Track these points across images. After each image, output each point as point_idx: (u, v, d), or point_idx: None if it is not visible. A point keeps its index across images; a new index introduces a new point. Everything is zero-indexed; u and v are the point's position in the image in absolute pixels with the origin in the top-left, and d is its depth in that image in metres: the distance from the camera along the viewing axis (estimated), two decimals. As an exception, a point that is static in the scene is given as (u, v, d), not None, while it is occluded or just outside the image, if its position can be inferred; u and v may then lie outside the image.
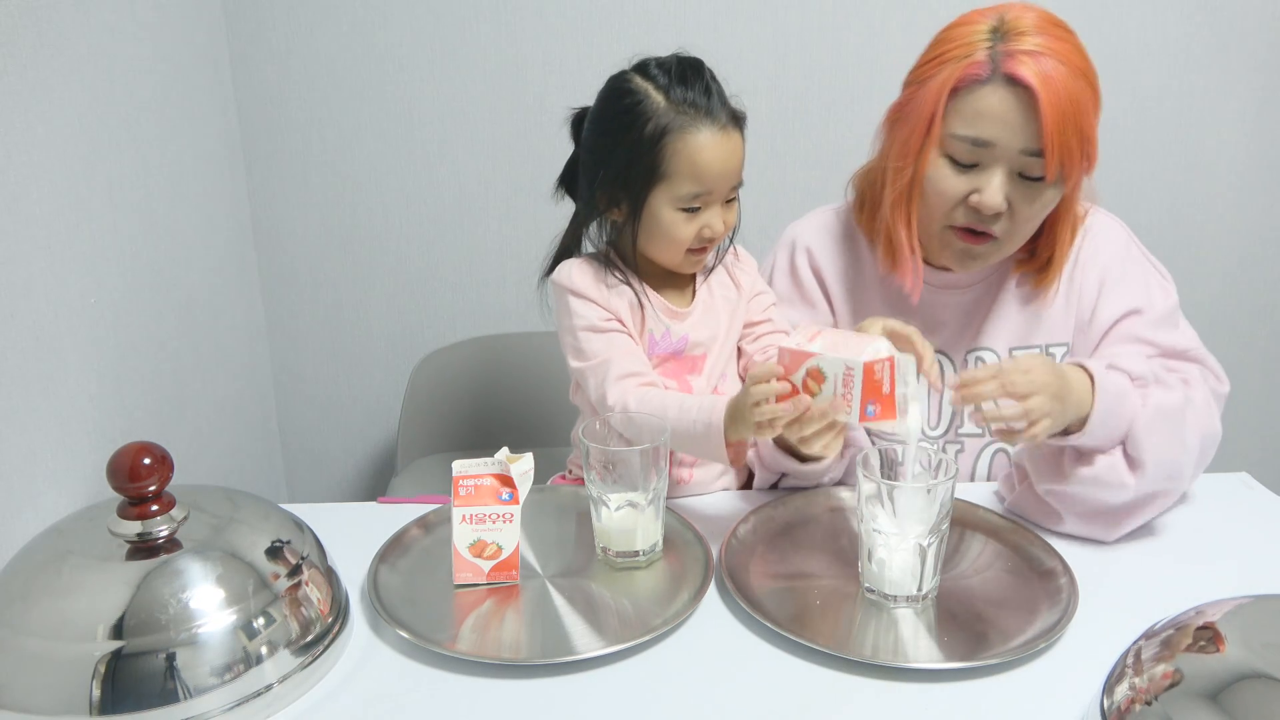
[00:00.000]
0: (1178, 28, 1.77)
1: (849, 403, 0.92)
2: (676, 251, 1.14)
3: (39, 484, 0.99)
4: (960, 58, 1.01)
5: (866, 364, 0.90)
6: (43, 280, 1.02)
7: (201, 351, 1.49)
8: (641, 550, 1.00)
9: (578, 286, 1.15)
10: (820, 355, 0.92)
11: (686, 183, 1.10)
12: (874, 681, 0.84)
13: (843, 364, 0.91)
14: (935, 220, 1.09)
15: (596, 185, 1.15)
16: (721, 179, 1.11)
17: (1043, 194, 1.04)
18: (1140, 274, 1.16)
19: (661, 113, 1.10)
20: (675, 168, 1.10)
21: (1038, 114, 0.98)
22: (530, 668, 0.86)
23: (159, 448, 0.84)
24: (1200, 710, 0.63)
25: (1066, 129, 0.98)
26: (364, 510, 1.15)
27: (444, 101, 1.75)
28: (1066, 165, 1.00)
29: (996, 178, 1.02)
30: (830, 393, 0.93)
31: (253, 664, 0.80)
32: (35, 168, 1.02)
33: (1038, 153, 1.00)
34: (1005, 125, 1.00)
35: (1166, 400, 1.01)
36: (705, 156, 1.09)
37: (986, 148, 1.02)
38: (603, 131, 1.15)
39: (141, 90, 1.31)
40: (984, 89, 1.00)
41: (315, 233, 1.81)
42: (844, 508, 1.11)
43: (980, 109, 1.01)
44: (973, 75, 1.01)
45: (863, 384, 0.90)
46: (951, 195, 1.05)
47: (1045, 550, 1.00)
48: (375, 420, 1.94)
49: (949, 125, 1.03)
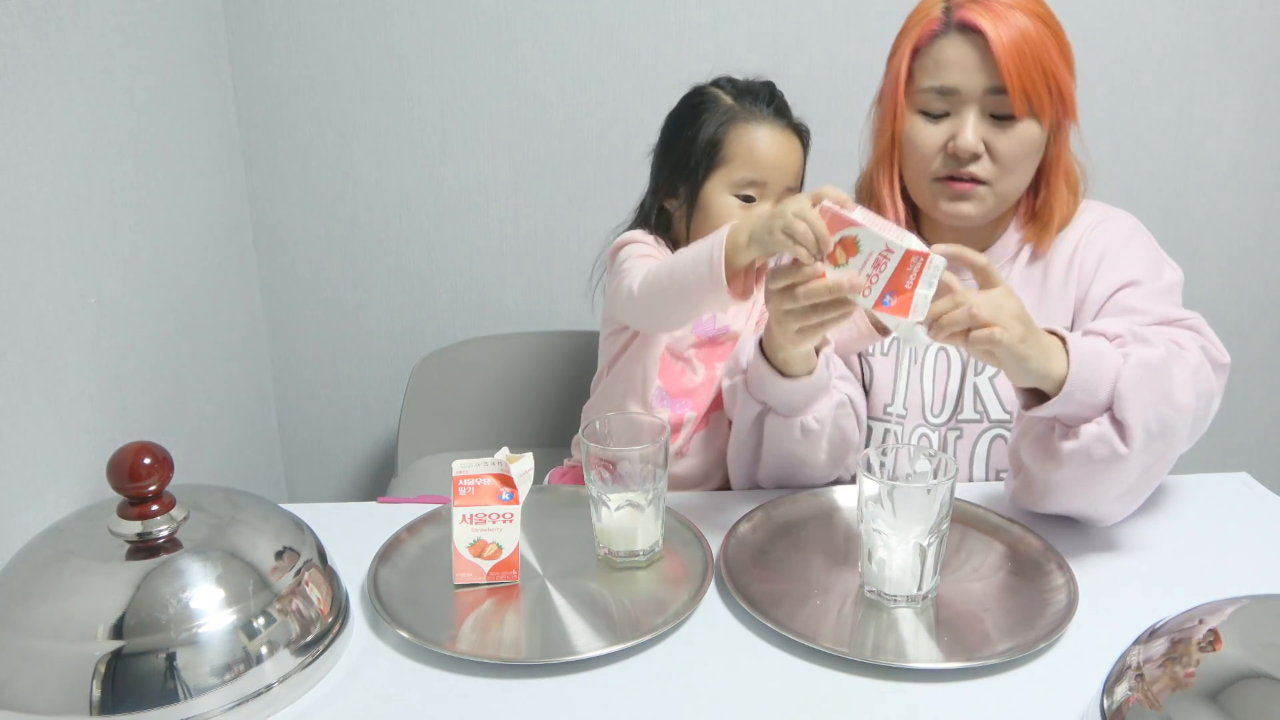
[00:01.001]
0: (1178, 28, 1.77)
1: (872, 284, 0.89)
2: None
3: (39, 484, 0.99)
4: (919, 22, 1.09)
5: (909, 250, 0.87)
6: (43, 280, 1.02)
7: (201, 351, 1.49)
8: (642, 550, 1.00)
9: (640, 238, 1.24)
10: (863, 226, 0.88)
11: (743, 168, 1.19)
12: (874, 681, 0.84)
13: (884, 243, 0.88)
14: (922, 177, 1.12)
15: (660, 174, 1.25)
16: (777, 171, 1.19)
17: (1018, 132, 1.07)
18: (1144, 252, 1.15)
19: (727, 108, 1.22)
20: (734, 153, 1.19)
21: (993, 53, 1.03)
22: (530, 668, 0.86)
23: (159, 448, 0.84)
24: (1200, 710, 0.63)
25: (1024, 63, 1.03)
26: (364, 510, 1.15)
27: (444, 101, 1.75)
28: (1034, 100, 1.05)
29: (968, 120, 1.07)
30: (857, 268, 0.89)
31: (253, 664, 0.80)
32: (35, 168, 1.02)
33: (1001, 89, 1.04)
34: (964, 69, 1.06)
35: (1149, 355, 0.96)
36: (763, 146, 1.19)
37: (953, 94, 1.07)
38: (672, 126, 1.27)
39: (141, 90, 1.31)
40: (941, 41, 1.07)
41: (315, 233, 1.81)
42: (844, 508, 1.11)
43: (940, 59, 1.07)
44: (930, 32, 1.08)
45: (895, 270, 0.87)
46: (930, 146, 1.09)
47: (1045, 550, 1.00)
48: (375, 420, 1.94)
49: (916, 83, 1.10)
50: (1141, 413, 0.94)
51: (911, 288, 0.88)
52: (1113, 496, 1.00)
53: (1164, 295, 1.11)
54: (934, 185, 1.11)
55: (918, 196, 1.15)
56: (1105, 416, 0.95)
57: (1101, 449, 0.94)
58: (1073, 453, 0.96)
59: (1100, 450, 0.95)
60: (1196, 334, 1.05)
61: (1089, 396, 0.94)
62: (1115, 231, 1.16)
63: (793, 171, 1.22)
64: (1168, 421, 0.96)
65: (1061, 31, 1.08)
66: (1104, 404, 0.95)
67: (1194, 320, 1.07)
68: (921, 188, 1.12)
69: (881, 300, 0.89)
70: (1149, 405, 0.94)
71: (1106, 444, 0.94)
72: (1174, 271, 1.15)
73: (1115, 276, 1.12)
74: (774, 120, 1.21)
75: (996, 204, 1.11)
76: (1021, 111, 1.05)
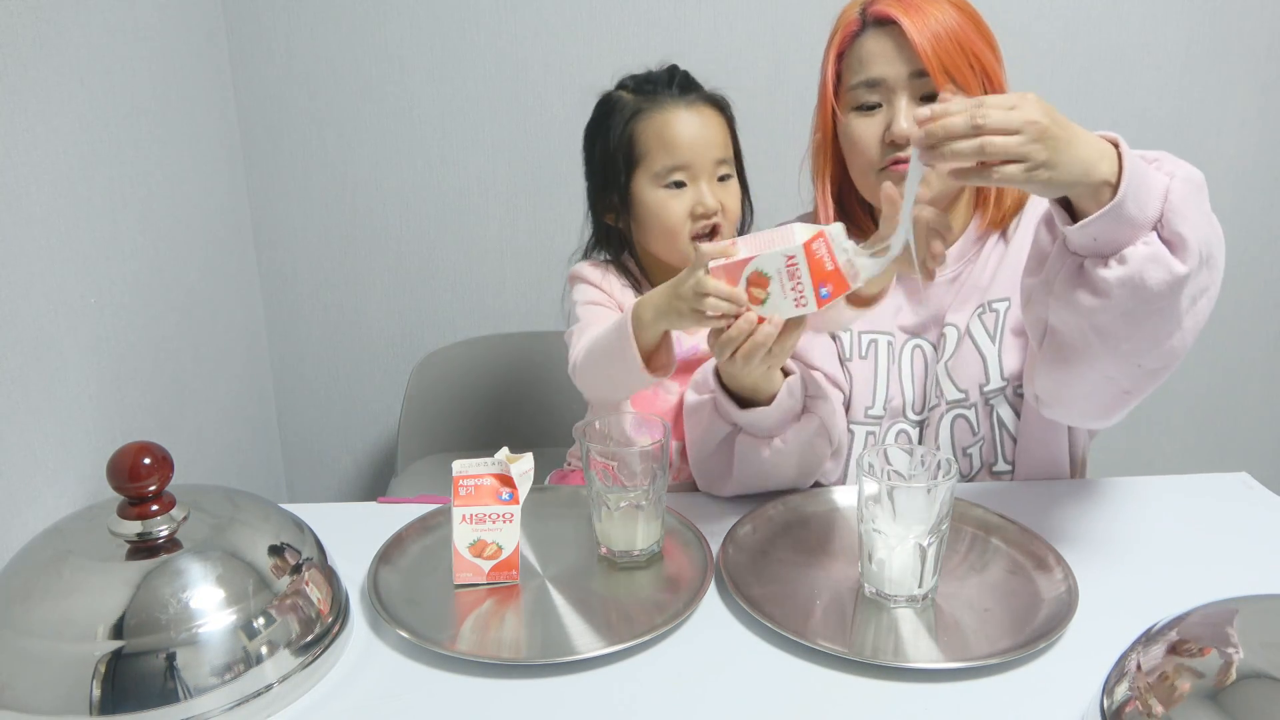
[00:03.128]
0: (1178, 28, 1.78)
1: (802, 293, 0.89)
2: (675, 237, 1.15)
3: (39, 484, 0.99)
4: (840, 28, 1.13)
5: (806, 244, 0.87)
6: (43, 280, 1.02)
7: (201, 351, 1.49)
8: (642, 550, 1.00)
9: (587, 275, 1.23)
10: (755, 258, 0.89)
11: (661, 157, 1.16)
12: (874, 681, 0.84)
13: (782, 256, 0.88)
14: (869, 172, 1.13)
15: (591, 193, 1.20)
16: (695, 149, 1.15)
17: None
18: None
19: (629, 104, 1.18)
20: (647, 145, 1.16)
21: (909, 38, 1.06)
22: (530, 668, 0.86)
23: (159, 448, 0.84)
24: (1201, 710, 0.63)
25: (941, 44, 1.06)
26: (364, 510, 1.15)
27: (444, 101, 1.75)
28: (956, 77, 1.06)
29: (900, 107, 1.09)
30: (779, 291, 0.90)
31: (253, 664, 0.80)
32: (35, 168, 1.02)
33: (923, 71, 1.07)
34: (886, 58, 1.08)
35: (1191, 172, 0.87)
36: (673, 130, 1.16)
37: (880, 85, 1.09)
38: (588, 141, 1.24)
39: (141, 90, 1.31)
40: (861, 39, 1.11)
41: (315, 233, 1.81)
42: (844, 508, 1.11)
43: (862, 56, 1.10)
44: (850, 33, 1.12)
45: (809, 266, 0.88)
46: (870, 139, 1.11)
47: (1045, 550, 1.00)
48: (375, 420, 1.94)
49: (845, 82, 1.13)
50: (1194, 229, 0.85)
51: (834, 267, 0.89)
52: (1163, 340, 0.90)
53: None
54: (880, 176, 1.12)
55: (868, 193, 1.16)
56: (1153, 235, 0.85)
57: (1157, 271, 0.85)
58: (1123, 281, 0.86)
59: (1156, 274, 0.85)
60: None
61: (1139, 209, 0.84)
62: None
63: (715, 143, 1.18)
64: (1213, 246, 0.88)
65: (980, 20, 1.10)
66: (1152, 220, 0.85)
67: None
68: (870, 182, 1.14)
69: (820, 294, 0.89)
70: (1200, 224, 0.86)
71: (1162, 264, 0.84)
72: None
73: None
74: (679, 100, 1.18)
75: (941, 187, 1.12)
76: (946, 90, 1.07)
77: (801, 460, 1.11)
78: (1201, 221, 0.86)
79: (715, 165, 1.17)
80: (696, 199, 1.14)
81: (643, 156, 1.17)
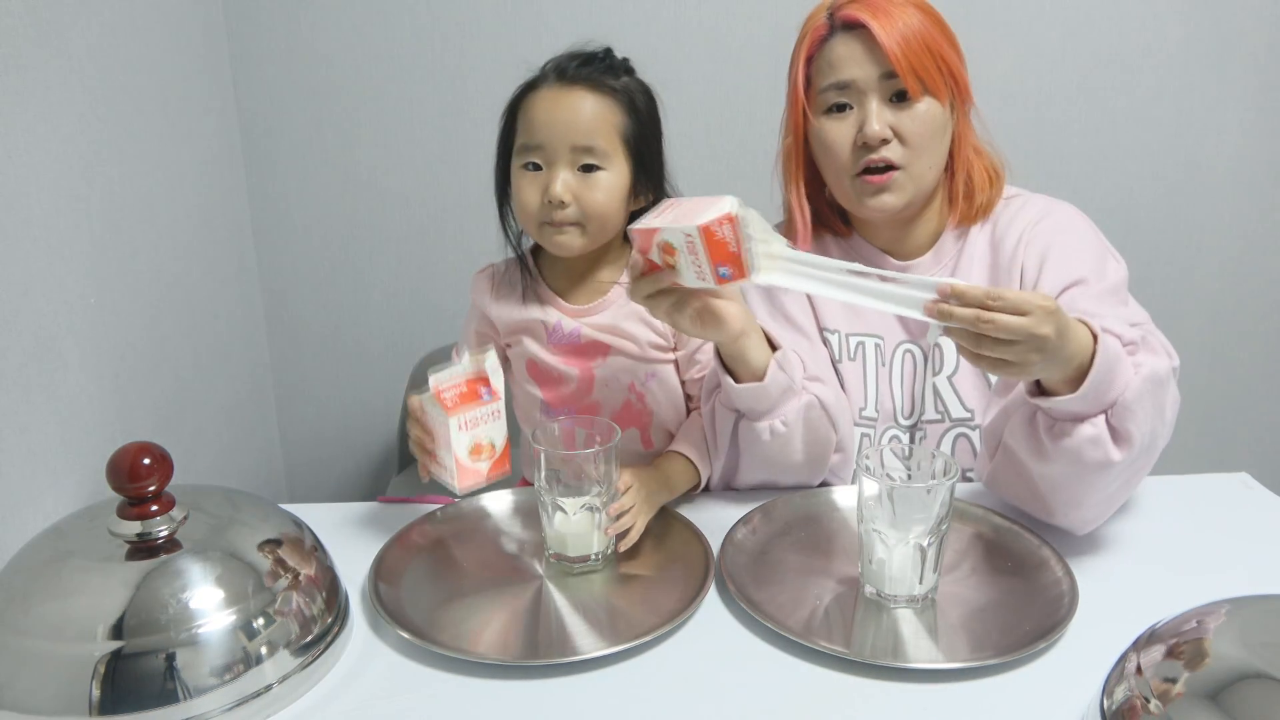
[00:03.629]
0: (1178, 28, 1.78)
1: (702, 268, 0.91)
2: (529, 222, 1.13)
3: (39, 484, 0.99)
4: (808, 32, 1.14)
5: (703, 226, 0.88)
6: (43, 280, 1.02)
7: (201, 351, 1.49)
8: (597, 553, 0.99)
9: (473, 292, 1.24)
10: (662, 229, 0.91)
11: (521, 136, 1.11)
12: (874, 681, 0.84)
13: (681, 233, 0.90)
14: (842, 176, 1.13)
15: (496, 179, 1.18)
16: (551, 130, 1.08)
17: (920, 111, 1.09)
18: (1087, 247, 1.14)
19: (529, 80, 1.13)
20: (518, 127, 1.12)
21: (878, 41, 1.07)
22: (530, 668, 0.86)
23: (159, 448, 0.84)
24: (1200, 710, 0.63)
25: (909, 45, 1.07)
26: (364, 510, 1.15)
27: (444, 101, 1.75)
28: (925, 78, 1.08)
29: (870, 108, 1.09)
30: (685, 263, 0.92)
31: (253, 664, 0.80)
32: (35, 168, 1.02)
33: (892, 73, 1.08)
34: (855, 61, 1.09)
35: (1158, 367, 0.94)
36: (537, 109, 1.10)
37: (850, 87, 1.10)
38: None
39: (141, 90, 1.31)
40: (830, 43, 1.11)
41: (315, 233, 1.81)
42: (844, 508, 1.11)
43: (831, 59, 1.11)
44: (818, 37, 1.12)
45: (707, 246, 0.89)
46: (841, 143, 1.12)
47: (1045, 550, 1.00)
48: (375, 420, 1.94)
49: (815, 85, 1.13)
50: (1141, 424, 0.93)
51: (737, 249, 0.89)
52: (1087, 502, 1.00)
53: (1110, 295, 1.09)
54: (854, 183, 1.13)
55: (842, 199, 1.16)
56: (1102, 418, 0.93)
57: (1094, 452, 0.93)
58: (1063, 450, 0.94)
59: (1093, 453, 0.93)
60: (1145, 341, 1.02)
61: (1098, 398, 0.92)
62: (1055, 228, 1.16)
63: (579, 129, 1.07)
64: (1157, 436, 0.97)
65: (943, 23, 1.12)
66: (1106, 405, 0.93)
67: (1146, 326, 1.06)
68: (844, 187, 1.14)
69: (719, 274, 0.91)
70: (1148, 418, 0.94)
71: (1100, 447, 0.93)
72: (1119, 266, 1.14)
73: (1060, 275, 1.11)
74: (555, 81, 1.10)
75: (915, 189, 1.12)
76: (916, 90, 1.08)
77: (807, 444, 1.10)
78: (1149, 417, 0.94)
79: (574, 152, 1.07)
80: (546, 186, 1.08)
81: (515, 138, 1.12)
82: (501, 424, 0.99)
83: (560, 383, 1.19)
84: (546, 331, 1.17)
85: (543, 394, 1.21)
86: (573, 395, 1.19)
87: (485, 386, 0.98)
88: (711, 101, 1.78)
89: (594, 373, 1.17)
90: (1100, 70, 1.78)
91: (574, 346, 1.17)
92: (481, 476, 0.98)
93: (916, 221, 1.19)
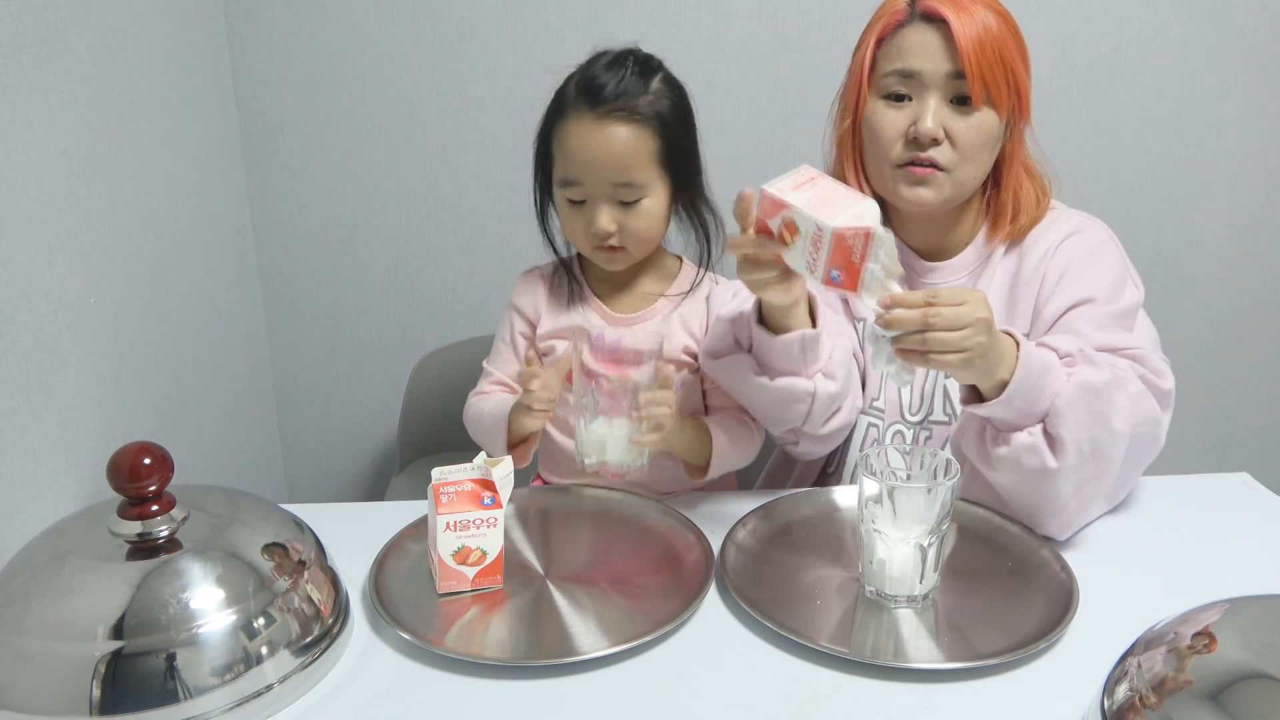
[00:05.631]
0: (1178, 28, 1.77)
1: (814, 260, 0.90)
2: (583, 246, 1.15)
3: (39, 484, 0.99)
4: (885, 14, 1.13)
5: (838, 231, 0.87)
6: (43, 280, 1.02)
7: (201, 351, 1.49)
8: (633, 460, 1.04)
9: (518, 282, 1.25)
10: (794, 208, 0.90)
11: (561, 168, 1.12)
12: (874, 681, 0.84)
13: (815, 223, 0.89)
14: (884, 164, 1.13)
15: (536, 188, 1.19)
16: (590, 169, 1.08)
17: (976, 120, 1.09)
18: (1107, 270, 1.14)
19: (561, 97, 1.12)
20: (556, 152, 1.12)
21: (954, 39, 1.06)
22: (530, 668, 0.86)
23: (159, 448, 0.84)
24: (1200, 710, 0.63)
25: (984, 52, 1.06)
26: (364, 510, 1.16)
27: (444, 101, 1.75)
28: (992, 88, 1.07)
29: (929, 105, 1.09)
30: (800, 247, 0.91)
31: (253, 664, 0.80)
32: (35, 168, 1.02)
33: (961, 74, 1.07)
34: (926, 54, 1.08)
35: (1093, 377, 0.98)
36: (572, 143, 1.09)
37: (914, 78, 1.09)
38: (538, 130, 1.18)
39: (141, 90, 1.30)
40: (905, 29, 1.10)
41: (315, 233, 1.81)
42: (844, 508, 1.11)
43: (903, 46, 1.10)
44: (895, 21, 1.11)
45: (832, 248, 0.88)
46: (892, 131, 1.11)
47: (1045, 550, 1.00)
48: (375, 420, 1.94)
49: (879, 68, 1.12)
50: (1075, 431, 0.96)
51: (859, 262, 0.89)
52: (1045, 511, 1.02)
53: (1116, 319, 1.10)
54: (895, 172, 1.12)
55: (879, 184, 1.16)
56: (1039, 427, 0.97)
57: (1031, 459, 0.97)
58: (1003, 458, 0.99)
59: (1030, 460, 0.97)
60: (1137, 363, 1.05)
61: (1027, 405, 0.96)
62: (1081, 247, 1.16)
63: (616, 165, 1.08)
64: (1101, 444, 0.99)
65: (1020, 34, 1.11)
66: (1040, 414, 0.97)
67: (1137, 351, 1.07)
68: (883, 174, 1.14)
69: (829, 276, 0.90)
70: (1084, 425, 0.97)
71: (1036, 455, 0.97)
72: (1135, 291, 1.14)
73: (1071, 293, 1.12)
74: (592, 109, 1.07)
75: (954, 192, 1.12)
76: (979, 98, 1.07)
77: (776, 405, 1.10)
78: (1083, 424, 0.97)
79: (614, 189, 1.09)
80: (591, 220, 1.10)
81: (555, 161, 1.13)
82: (498, 534, 0.95)
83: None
84: (589, 340, 1.17)
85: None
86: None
87: (490, 493, 0.95)
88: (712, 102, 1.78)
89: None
90: (1100, 70, 1.78)
91: (614, 355, 1.17)
92: (465, 581, 0.95)
93: (952, 225, 1.18)
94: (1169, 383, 1.07)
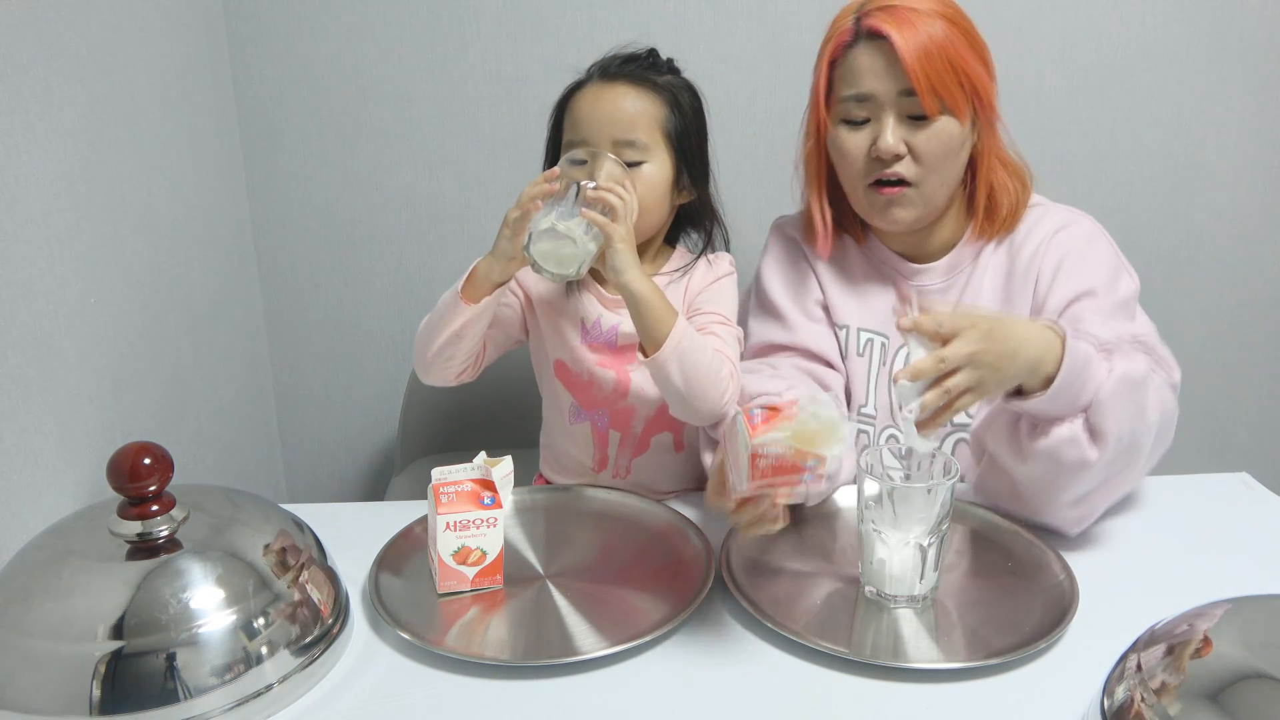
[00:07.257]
0: (1178, 28, 1.77)
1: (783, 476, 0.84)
2: None
3: (39, 484, 0.99)
4: (834, 35, 1.12)
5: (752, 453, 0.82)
6: (43, 280, 1.02)
7: (201, 351, 1.49)
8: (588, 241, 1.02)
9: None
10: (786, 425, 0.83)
11: (567, 131, 1.14)
12: (874, 681, 0.84)
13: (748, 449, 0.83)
14: (856, 185, 1.13)
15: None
16: (595, 126, 1.11)
17: (936, 130, 1.08)
18: (1102, 261, 1.14)
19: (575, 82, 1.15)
20: (565, 124, 1.14)
21: (899, 56, 1.05)
22: (530, 668, 0.86)
23: (159, 448, 0.84)
24: (1200, 710, 0.63)
25: (932, 63, 1.05)
26: (364, 510, 1.16)
27: (444, 101, 1.75)
28: (945, 98, 1.07)
29: (887, 124, 1.08)
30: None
31: (253, 664, 0.80)
32: (35, 168, 1.02)
33: (912, 91, 1.06)
34: (876, 74, 1.08)
35: (1132, 369, 0.97)
36: (582, 105, 1.13)
37: (869, 100, 1.09)
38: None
39: (141, 90, 1.30)
40: (853, 51, 1.10)
41: (315, 233, 1.81)
42: (844, 508, 1.11)
43: (854, 68, 1.10)
44: (843, 43, 1.11)
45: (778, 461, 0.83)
46: (856, 153, 1.11)
47: (1045, 550, 1.00)
48: (375, 420, 1.94)
49: (836, 92, 1.12)
50: (1118, 423, 0.95)
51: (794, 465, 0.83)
52: (1067, 502, 1.01)
53: (1119, 309, 1.11)
54: (868, 193, 1.13)
55: (857, 206, 1.17)
56: (1080, 419, 0.96)
57: (1071, 451, 0.96)
58: (1040, 451, 0.97)
59: (1070, 453, 0.96)
60: (1149, 353, 1.05)
61: (1072, 398, 0.95)
62: (1072, 240, 1.16)
63: (618, 121, 1.10)
64: (1137, 436, 0.98)
65: (973, 30, 1.10)
66: (1083, 406, 0.96)
67: (1147, 337, 1.08)
68: (858, 196, 1.14)
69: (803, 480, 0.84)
70: (1125, 418, 0.96)
71: (1077, 447, 0.96)
72: (1131, 280, 1.15)
73: (1070, 287, 1.12)
74: (599, 79, 1.13)
75: (925, 205, 1.12)
76: (933, 110, 1.07)
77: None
78: (1126, 415, 0.96)
79: (615, 146, 1.10)
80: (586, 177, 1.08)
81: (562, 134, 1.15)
82: (498, 534, 0.95)
83: (592, 386, 1.19)
84: (584, 328, 1.16)
85: (574, 396, 1.21)
86: (606, 399, 1.19)
87: (490, 493, 0.96)
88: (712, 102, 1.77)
89: (629, 375, 1.17)
90: (1100, 70, 1.78)
91: (611, 346, 1.17)
92: (465, 581, 0.95)
93: (933, 228, 1.18)
94: (1178, 374, 1.08)
